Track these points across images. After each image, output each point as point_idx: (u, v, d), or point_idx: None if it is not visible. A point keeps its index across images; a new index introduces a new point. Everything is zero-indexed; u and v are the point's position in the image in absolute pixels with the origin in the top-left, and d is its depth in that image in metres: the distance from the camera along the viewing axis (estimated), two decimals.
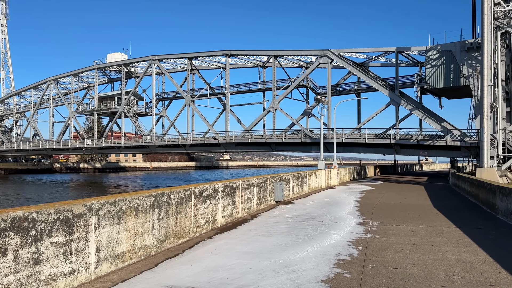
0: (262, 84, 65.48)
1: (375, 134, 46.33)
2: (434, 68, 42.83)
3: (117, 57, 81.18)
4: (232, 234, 9.77)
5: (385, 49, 48.35)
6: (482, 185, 15.60)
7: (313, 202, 17.45)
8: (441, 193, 22.34)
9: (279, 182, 16.87)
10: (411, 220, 12.26)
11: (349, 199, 18.55)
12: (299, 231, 10.29)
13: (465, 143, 39.91)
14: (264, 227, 10.88)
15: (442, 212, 14.11)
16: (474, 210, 14.65)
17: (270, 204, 15.82)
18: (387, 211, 14.30)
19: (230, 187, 11.65)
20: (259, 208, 14.39)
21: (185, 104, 63.86)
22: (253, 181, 13.82)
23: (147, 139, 66.76)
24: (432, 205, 16.43)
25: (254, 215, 13.05)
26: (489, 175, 30.51)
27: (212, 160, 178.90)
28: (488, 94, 32.25)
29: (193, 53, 63.57)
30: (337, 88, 58.65)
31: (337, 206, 15.76)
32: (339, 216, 12.95)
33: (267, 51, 57.57)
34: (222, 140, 57.46)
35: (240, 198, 12.45)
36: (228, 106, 60.84)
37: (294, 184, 19.72)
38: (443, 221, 12.06)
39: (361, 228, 10.72)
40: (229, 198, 11.48)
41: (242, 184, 12.70)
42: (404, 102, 45.94)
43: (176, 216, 8.52)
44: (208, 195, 10.13)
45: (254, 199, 13.83)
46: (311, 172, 23.68)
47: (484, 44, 31.80)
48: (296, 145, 52.80)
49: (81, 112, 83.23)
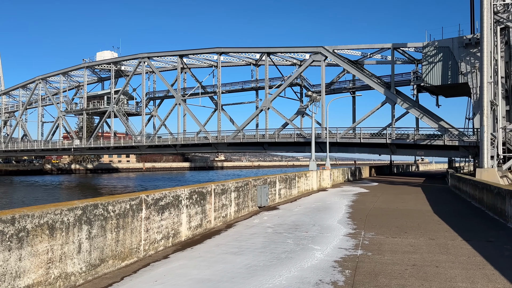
0: (255, 82, 63.83)
1: (370, 133, 44.80)
2: (431, 65, 41.32)
3: (107, 55, 79.23)
4: (194, 252, 8.07)
5: (380, 46, 46.82)
6: (488, 188, 13.99)
7: (300, 207, 15.78)
8: (441, 196, 20.73)
9: (263, 185, 15.19)
10: (410, 230, 10.62)
11: (341, 204, 16.90)
12: (277, 246, 8.61)
13: (464, 143, 38.43)
14: (236, 240, 9.19)
15: (444, 219, 12.47)
16: (479, 217, 13.02)
17: (251, 210, 14.14)
18: (382, 219, 12.66)
19: (199, 193, 9.95)
20: (237, 216, 12.69)
21: (176, 103, 62.04)
22: (230, 185, 12.12)
23: (137, 139, 64.90)
24: (432, 210, 14.81)
25: (230, 225, 11.36)
26: (489, 176, 28.99)
27: (207, 161, 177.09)
28: (488, 91, 30.74)
29: (184, 51, 61.78)
30: (332, 86, 57.09)
31: (326, 212, 14.10)
32: (327, 226, 11.28)
33: (259, 48, 55.90)
34: (213, 140, 55.74)
35: (213, 206, 10.75)
36: (220, 105, 59.14)
37: (281, 187, 18.04)
38: (446, 231, 10.42)
39: (351, 242, 9.05)
40: (197, 206, 9.78)
41: (216, 189, 11.01)
42: (400, 100, 44.43)
43: (118, 233, 6.82)
44: (167, 204, 8.43)
45: (231, 205, 12.14)
46: (301, 173, 22.02)
47: (484, 38, 30.29)
48: (289, 145, 51.18)
49: (70, 112, 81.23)
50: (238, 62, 65.71)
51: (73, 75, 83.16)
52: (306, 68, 51.97)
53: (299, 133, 49.26)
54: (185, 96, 64.47)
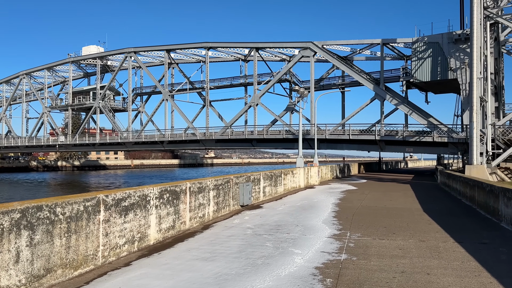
0: (244, 78, 62.96)
1: (359, 130, 44.29)
2: (420, 60, 40.90)
3: (93, 50, 77.60)
4: (161, 258, 7.27)
5: (370, 41, 46.28)
6: (479, 185, 13.41)
7: (285, 206, 15.06)
8: (430, 194, 20.20)
9: (246, 183, 14.42)
10: (398, 231, 9.95)
11: (328, 202, 16.22)
12: (255, 250, 7.85)
13: (453, 139, 38.10)
14: (211, 244, 8.41)
15: (434, 218, 11.85)
16: (471, 216, 12.43)
17: (232, 209, 13.37)
18: (369, 218, 11.99)
19: (172, 192, 9.14)
20: (217, 216, 11.91)
21: (163, 99, 60.88)
22: (209, 183, 11.32)
23: (123, 135, 63.62)
24: (421, 208, 14.20)
25: (208, 226, 10.58)
26: (478, 172, 28.64)
27: (196, 158, 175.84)
28: (477, 87, 30.38)
29: (171, 45, 60.59)
30: (321, 82, 56.47)
31: (311, 211, 13.39)
32: (311, 226, 10.56)
33: (248, 43, 55.00)
34: (201, 137, 54.80)
35: (188, 205, 9.95)
36: (208, 101, 58.16)
37: (265, 185, 17.29)
38: (437, 232, 9.77)
39: (335, 245, 8.34)
40: (168, 206, 8.97)
41: (192, 187, 10.20)
42: (389, 96, 43.98)
43: (69, 238, 5.99)
44: (132, 205, 7.60)
45: (209, 205, 11.34)
46: (287, 170, 21.30)
47: (474, 33, 29.87)
48: (278, 141, 50.48)
49: (55, 108, 79.44)
50: (226, 58, 64.73)
51: (58, 70, 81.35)
52: (295, 64, 51.25)
53: (288, 130, 48.60)
54: (172, 92, 63.32)
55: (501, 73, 41.30)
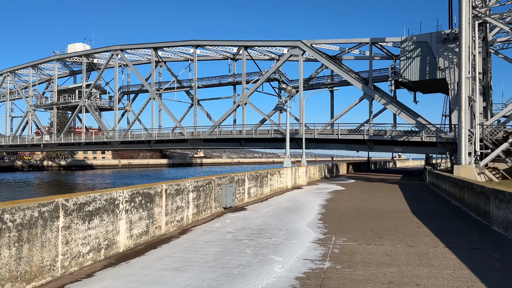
0: (233, 77, 62.31)
1: (348, 129, 44.02)
2: (409, 60, 40.75)
3: (79, 47, 76.14)
4: (129, 267, 6.66)
5: (358, 40, 46.02)
6: (469, 186, 13.02)
7: (270, 207, 14.52)
8: (419, 194, 19.84)
9: (229, 184, 13.84)
10: (386, 234, 9.47)
11: (314, 203, 15.73)
12: (232, 258, 7.28)
13: (441, 139, 38.01)
14: (186, 251, 7.81)
15: (423, 221, 11.42)
16: (461, 218, 12.03)
17: (214, 212, 12.78)
18: (356, 221, 11.51)
19: (145, 194, 8.52)
20: (196, 219, 11.31)
21: (150, 98, 59.93)
22: (188, 185, 10.71)
23: (109, 135, 62.49)
24: (410, 210, 13.78)
25: (186, 230, 9.97)
26: (467, 172, 28.48)
27: (185, 157, 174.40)
28: (466, 86, 30.21)
29: (158, 43, 59.69)
30: (310, 82, 56.13)
31: (297, 213, 12.87)
32: (295, 230, 10.03)
33: (236, 41, 54.41)
34: (189, 136, 54.04)
35: (164, 209, 9.34)
36: (196, 99, 57.38)
37: (250, 186, 16.73)
38: (426, 236, 9.31)
39: (319, 251, 7.81)
40: (141, 210, 8.35)
41: (168, 190, 9.59)
42: (378, 96, 43.78)
43: (20, 248, 5.35)
44: (98, 209, 6.97)
45: (188, 207, 10.74)
46: (274, 170, 20.77)
47: (462, 32, 29.70)
48: (266, 141, 49.99)
49: (39, 106, 77.85)
50: (215, 56, 64.03)
51: (43, 68, 79.77)
52: (284, 63, 50.79)
53: (277, 129, 48.13)
54: (160, 91, 62.38)
55: (489, 73, 41.37)
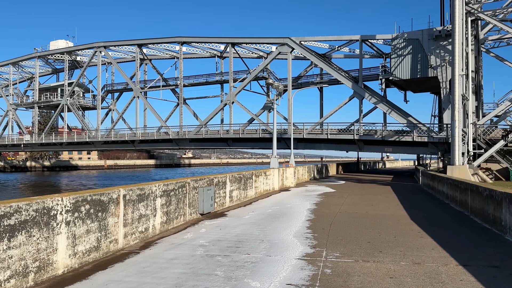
0: (220, 75, 60.82)
1: (338, 129, 42.79)
2: (400, 58, 39.68)
3: (61, 44, 73.83)
4: None
5: (348, 38, 44.87)
6: (473, 189, 11.74)
7: (253, 213, 13.06)
8: (414, 197, 18.58)
9: (207, 187, 12.33)
10: (386, 247, 8.08)
11: (302, 208, 14.32)
12: (197, 284, 5.81)
13: (433, 139, 37.00)
14: (141, 273, 6.31)
15: (425, 229, 10.08)
16: (466, 226, 10.72)
17: (189, 219, 11.26)
18: (349, 229, 10.12)
19: (94, 202, 6.98)
20: (166, 229, 9.79)
21: (134, 96, 58.02)
22: (154, 189, 9.19)
23: (92, 134, 60.40)
24: (408, 216, 12.46)
25: (150, 243, 8.46)
26: (461, 173, 27.40)
27: (173, 158, 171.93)
28: (459, 83, 29.18)
29: (142, 40, 57.84)
30: (299, 80, 54.89)
31: (283, 220, 11.44)
32: (279, 241, 8.59)
33: (223, 38, 52.91)
34: (174, 136, 52.32)
35: (121, 219, 7.81)
36: (182, 98, 55.67)
37: (233, 188, 15.25)
38: (433, 249, 7.95)
39: (307, 271, 6.38)
40: (89, 221, 6.82)
41: (128, 195, 8.06)
42: (368, 95, 42.67)
43: None
44: (23, 223, 5.44)
45: (155, 216, 9.22)
46: (259, 172, 19.32)
47: (456, 26, 28.66)
48: (254, 141, 48.53)
49: (20, 105, 75.26)
50: (202, 54, 62.42)
51: (25, 66, 77.23)
52: (272, 60, 49.43)
53: (265, 129, 46.73)
54: (144, 89, 60.50)
55: (480, 72, 40.55)
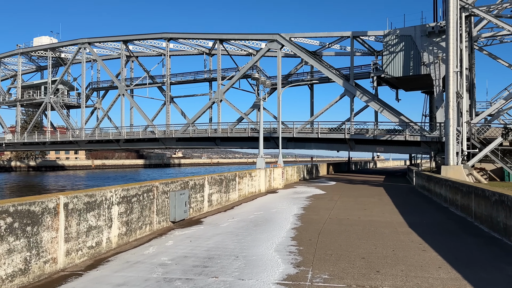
0: (208, 73, 59.16)
1: (328, 128, 41.59)
2: (392, 55, 38.61)
3: (45, 41, 71.62)
4: None
5: (339, 34, 43.70)
6: (478, 193, 10.49)
7: (233, 220, 11.68)
8: (410, 200, 17.35)
9: (180, 191, 10.92)
10: (384, 265, 6.76)
11: (289, 213, 12.98)
12: None
13: (426, 138, 35.97)
14: None
15: (427, 239, 8.80)
16: (472, 235, 9.46)
17: (157, 229, 9.84)
18: (340, 240, 8.80)
19: (21, 213, 5.54)
20: (127, 241, 8.36)
21: (119, 94, 56.21)
22: (109, 195, 7.75)
23: (76, 133, 58.45)
24: (405, 223, 11.19)
25: (101, 260, 7.03)
26: (455, 173, 26.33)
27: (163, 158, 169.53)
28: (454, 80, 28.14)
29: (128, 36, 56.06)
30: (289, 78, 53.60)
31: (265, 229, 10.08)
32: (258, 258, 7.22)
33: (211, 35, 51.41)
34: (160, 135, 50.69)
35: (62, 232, 6.38)
36: (168, 96, 54.02)
37: (212, 192, 13.85)
38: (440, 267, 6.65)
39: None
40: (12, 238, 5.38)
41: (71, 204, 6.62)
42: (359, 93, 41.54)
43: None
44: None
45: (111, 227, 7.79)
46: (244, 173, 17.93)
47: (450, 20, 27.58)
48: (243, 140, 47.12)
49: (3, 103, 72.85)
50: (190, 51, 60.77)
51: (8, 63, 74.83)
52: (261, 57, 48.12)
53: (254, 128, 45.34)
54: (130, 86, 58.71)
55: (473, 70, 39.67)
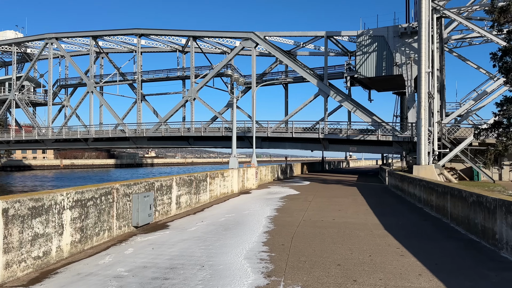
0: (182, 71, 57.97)
1: (303, 127, 41.42)
2: (365, 55, 38.76)
3: (10, 35, 68.54)
4: None
5: (314, 33, 43.61)
6: (455, 194, 10.24)
7: (202, 223, 11.02)
8: (384, 200, 17.15)
9: (144, 193, 10.17)
10: (360, 273, 6.30)
11: (262, 215, 12.43)
12: None
13: (398, 138, 36.30)
14: None
15: (404, 243, 8.43)
16: (451, 237, 9.17)
17: (117, 234, 9.07)
18: (314, 244, 8.31)
19: None
20: (81, 249, 7.57)
21: (88, 91, 54.26)
22: (60, 198, 6.96)
23: (42, 132, 56.02)
24: (381, 224, 10.84)
25: (49, 272, 6.25)
26: (427, 173, 26.52)
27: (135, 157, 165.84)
28: (425, 81, 28.36)
29: (98, 31, 54.23)
30: (264, 77, 53.17)
31: (236, 233, 9.48)
32: (225, 266, 6.62)
33: (184, 31, 50.38)
34: (131, 134, 49.19)
35: (0, 242, 5.57)
36: (140, 93, 52.52)
37: (181, 193, 13.13)
38: (420, 274, 6.24)
39: None
40: None
41: (11, 209, 5.82)
42: (333, 93, 41.57)
43: None
44: None
45: (62, 234, 6.99)
46: (215, 173, 17.26)
47: (422, 22, 27.78)
48: (217, 139, 46.34)
49: None
50: (162, 48, 59.37)
51: None
52: (235, 55, 47.46)
53: (228, 127, 44.62)
54: (99, 83, 56.79)
55: (444, 72, 40.40)
